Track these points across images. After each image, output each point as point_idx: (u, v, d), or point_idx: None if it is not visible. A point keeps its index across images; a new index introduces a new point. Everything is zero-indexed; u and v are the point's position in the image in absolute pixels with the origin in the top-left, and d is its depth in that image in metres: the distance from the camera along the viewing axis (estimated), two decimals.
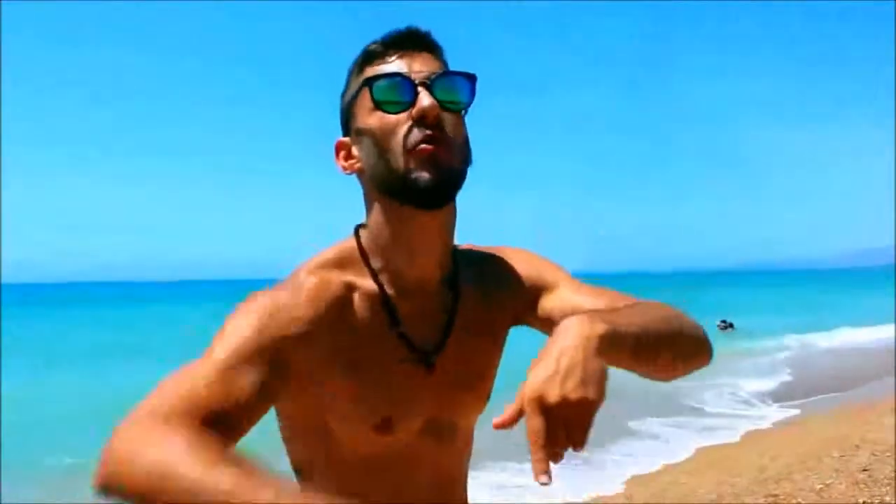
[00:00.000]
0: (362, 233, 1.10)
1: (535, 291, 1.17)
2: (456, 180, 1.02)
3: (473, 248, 1.20)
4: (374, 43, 1.05)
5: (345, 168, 1.08)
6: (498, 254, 1.20)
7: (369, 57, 1.05)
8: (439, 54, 1.07)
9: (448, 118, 1.02)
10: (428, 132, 0.99)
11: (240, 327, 0.94)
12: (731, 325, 25.32)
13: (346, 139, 1.09)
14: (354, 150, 1.06)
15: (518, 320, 1.19)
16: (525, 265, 1.19)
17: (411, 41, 1.05)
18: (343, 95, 1.10)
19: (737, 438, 8.96)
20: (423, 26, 1.07)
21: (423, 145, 0.99)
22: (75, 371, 16.42)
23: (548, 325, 1.13)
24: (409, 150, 0.99)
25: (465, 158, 1.04)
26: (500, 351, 1.19)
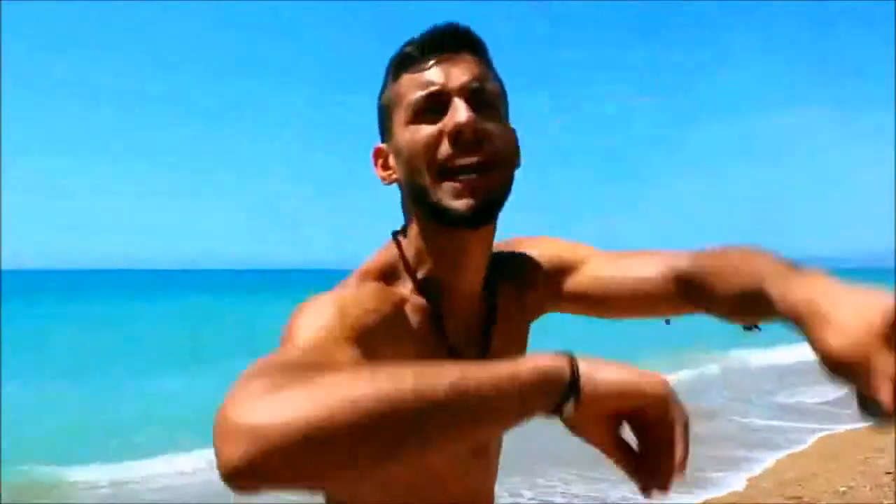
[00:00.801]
0: (403, 242, 1.03)
1: (566, 273, 1.13)
2: (494, 205, 0.97)
3: (499, 245, 1.13)
4: (411, 44, 0.98)
5: (383, 178, 1.02)
6: (521, 249, 1.16)
7: (405, 61, 0.98)
8: (481, 53, 1.00)
9: (490, 127, 0.95)
10: (465, 158, 0.93)
11: (320, 316, 0.82)
12: (755, 325, 24.90)
13: (384, 146, 1.02)
14: (391, 160, 1.01)
15: (553, 305, 1.16)
16: (546, 254, 1.15)
17: (450, 42, 0.97)
18: (379, 97, 1.03)
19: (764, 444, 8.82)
20: (462, 22, 0.99)
21: (458, 179, 0.93)
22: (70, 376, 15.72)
23: (580, 300, 1.12)
24: (443, 175, 0.93)
25: (509, 170, 0.98)
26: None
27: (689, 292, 1.01)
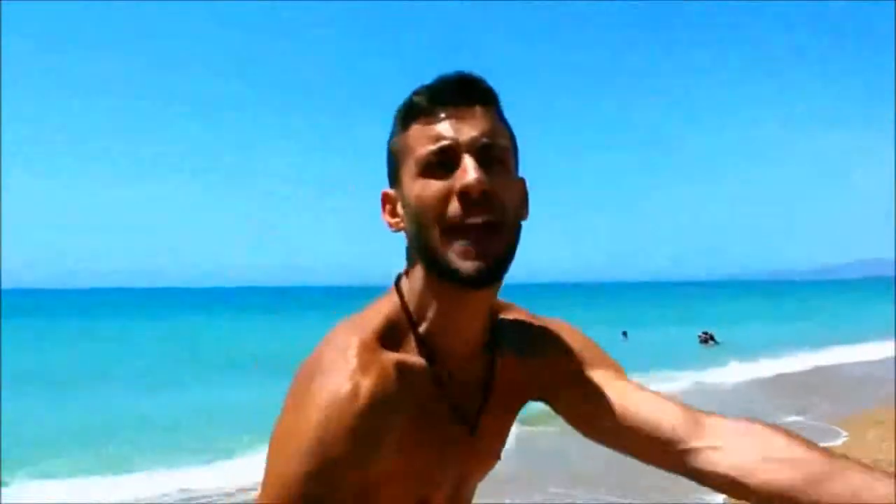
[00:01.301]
0: (405, 289, 1.02)
1: (580, 375, 1.09)
2: (501, 266, 0.95)
3: (519, 315, 1.15)
4: (421, 94, 0.97)
5: (390, 225, 1.01)
6: (545, 325, 1.14)
7: (414, 110, 0.97)
8: (492, 106, 0.99)
9: (498, 185, 0.94)
10: (473, 218, 0.92)
11: (295, 458, 0.85)
12: (712, 338, 24.73)
13: (393, 193, 1.01)
14: (399, 209, 1.00)
15: (545, 395, 1.12)
16: (575, 344, 1.12)
17: (461, 94, 0.96)
18: (388, 143, 1.02)
19: None
20: (476, 72, 0.99)
21: (467, 237, 0.92)
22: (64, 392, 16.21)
23: (585, 416, 1.08)
24: (451, 233, 0.92)
25: (516, 229, 0.97)
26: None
27: (689, 467, 1.01)
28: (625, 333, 27.03)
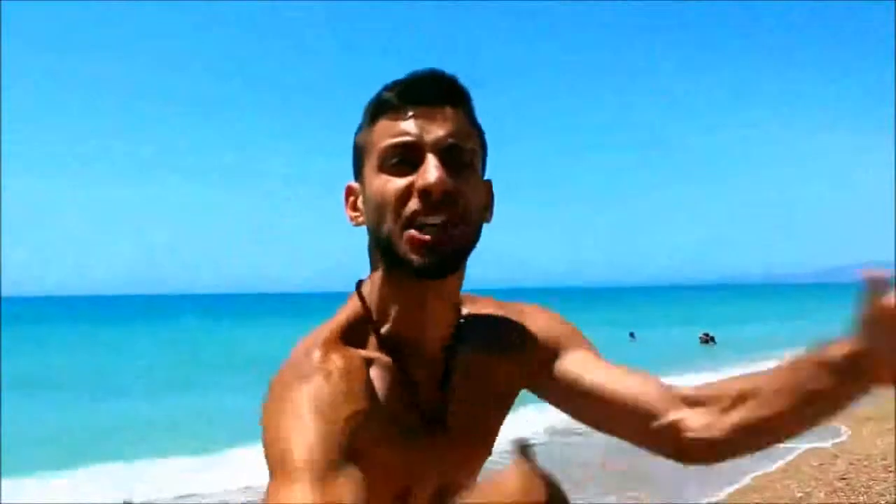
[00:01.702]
0: (366, 292, 1.02)
1: (553, 354, 1.10)
2: (457, 257, 0.94)
3: (485, 306, 1.12)
4: (391, 90, 0.96)
5: (351, 218, 1.01)
6: (514, 312, 1.13)
7: (383, 106, 0.95)
8: (463, 106, 0.97)
9: (461, 185, 0.93)
10: (432, 217, 0.91)
11: (306, 431, 0.82)
12: (712, 339, 25.28)
13: (356, 186, 1.01)
14: (360, 203, 0.99)
15: (530, 382, 1.11)
16: (544, 326, 1.12)
17: (431, 93, 0.94)
18: (355, 136, 1.01)
19: None
20: (448, 71, 0.97)
21: (422, 231, 0.91)
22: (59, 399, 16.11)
23: (566, 391, 1.08)
24: (407, 228, 0.91)
25: (475, 227, 0.96)
26: (507, 411, 1.12)
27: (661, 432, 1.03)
28: (632, 334, 27.45)
